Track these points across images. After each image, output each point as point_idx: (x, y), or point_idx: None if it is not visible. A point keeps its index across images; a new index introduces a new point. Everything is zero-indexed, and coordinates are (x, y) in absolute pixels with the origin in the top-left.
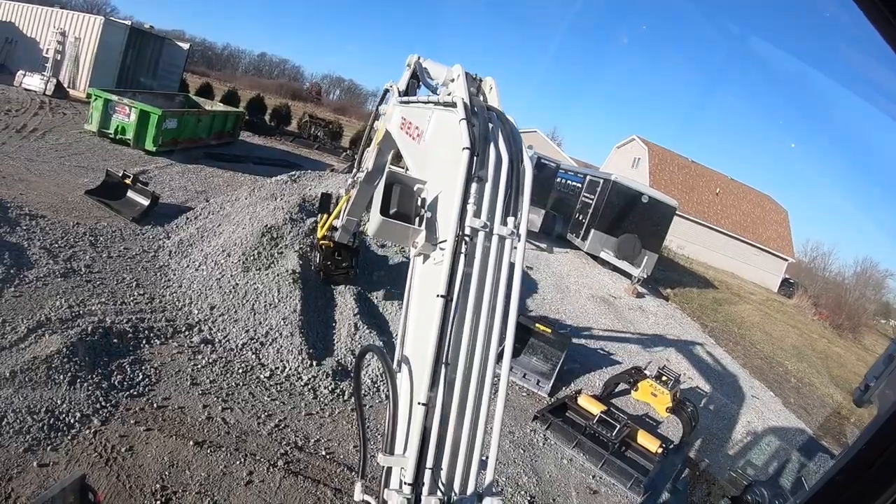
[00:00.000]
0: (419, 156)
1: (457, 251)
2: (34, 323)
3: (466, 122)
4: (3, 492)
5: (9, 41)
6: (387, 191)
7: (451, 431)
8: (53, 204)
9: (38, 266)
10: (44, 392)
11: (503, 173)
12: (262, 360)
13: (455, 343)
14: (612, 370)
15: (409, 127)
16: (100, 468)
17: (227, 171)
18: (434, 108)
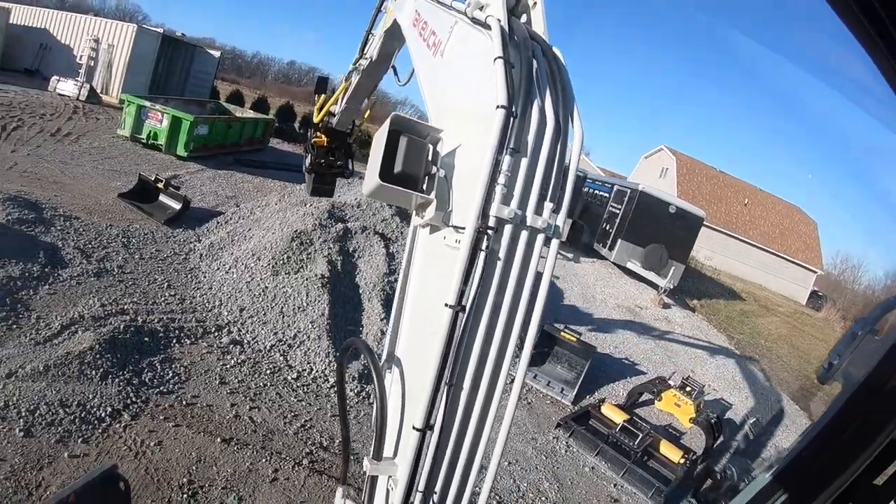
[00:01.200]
0: (434, 74)
1: (476, 248)
2: (68, 320)
3: (504, 65)
4: (35, 480)
5: (43, 47)
6: (390, 143)
7: (448, 453)
8: (87, 206)
9: (72, 265)
10: (76, 386)
11: (546, 143)
12: (289, 361)
13: (463, 360)
14: (636, 380)
15: (423, 28)
16: (129, 461)
17: (256, 177)
18: (459, 19)
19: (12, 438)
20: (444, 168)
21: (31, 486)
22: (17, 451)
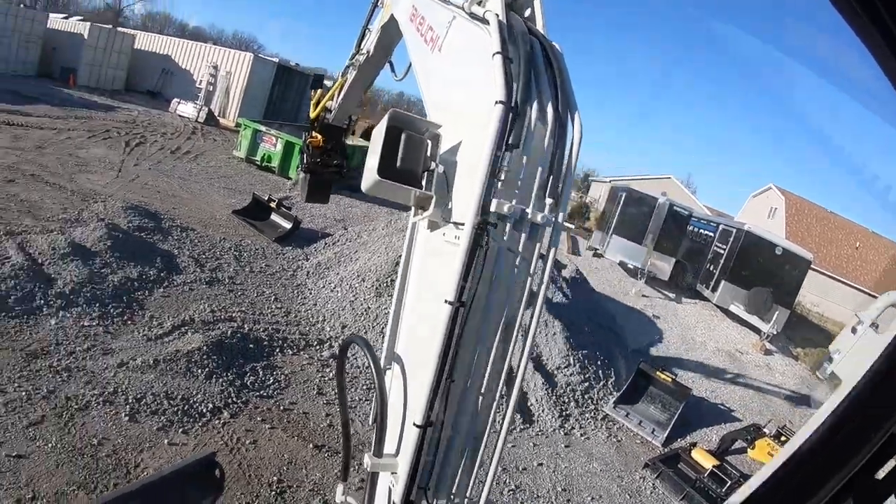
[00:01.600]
0: (432, 69)
1: (476, 245)
2: (179, 321)
3: (503, 60)
4: (134, 461)
5: (165, 71)
6: (388, 138)
7: (449, 449)
8: (203, 219)
9: (186, 272)
10: (182, 381)
11: (545, 138)
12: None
13: (463, 355)
14: (730, 426)
15: (420, 23)
16: (224, 454)
17: (364, 203)
18: (457, 14)
19: (118, 421)
20: (443, 164)
21: (130, 466)
22: (121, 433)
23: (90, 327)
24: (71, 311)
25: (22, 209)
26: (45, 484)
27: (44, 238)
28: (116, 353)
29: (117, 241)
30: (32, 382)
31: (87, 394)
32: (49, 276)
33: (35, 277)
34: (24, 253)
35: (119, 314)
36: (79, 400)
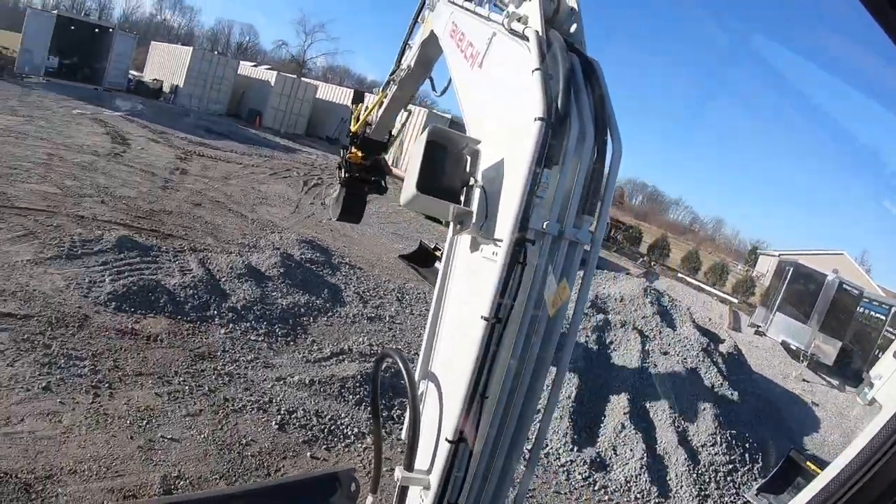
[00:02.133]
0: (472, 86)
1: (513, 261)
2: (338, 349)
3: (542, 76)
4: (276, 465)
5: (344, 121)
6: (427, 153)
7: (481, 465)
8: (370, 260)
9: (350, 306)
10: (332, 404)
11: (584, 155)
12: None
13: (499, 371)
14: None
15: (460, 39)
16: (360, 475)
17: None
18: (496, 29)
19: (268, 428)
20: (481, 179)
21: (271, 469)
22: (269, 438)
23: (255, 342)
24: (240, 325)
25: (206, 230)
26: (191, 467)
27: (223, 257)
28: (276, 368)
29: (289, 269)
30: (196, 380)
31: (243, 398)
32: (224, 291)
33: (212, 290)
34: (204, 268)
35: (283, 334)
36: (235, 402)
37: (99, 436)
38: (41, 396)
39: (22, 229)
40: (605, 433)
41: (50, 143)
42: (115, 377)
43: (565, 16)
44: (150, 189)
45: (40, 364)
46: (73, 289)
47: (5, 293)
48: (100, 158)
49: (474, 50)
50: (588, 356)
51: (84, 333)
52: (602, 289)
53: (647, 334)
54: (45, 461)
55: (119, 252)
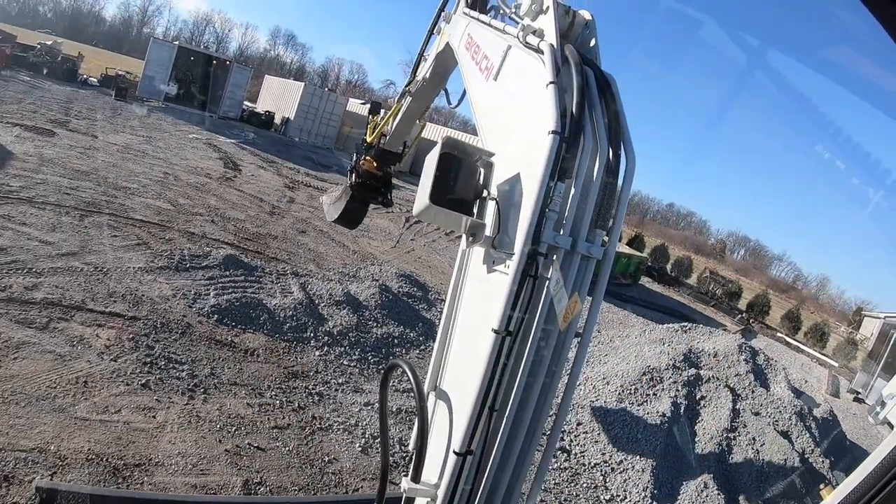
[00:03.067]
0: (487, 98)
1: (525, 275)
2: None
3: (555, 89)
4: (355, 485)
5: None
6: (441, 164)
7: (489, 479)
8: None
9: None
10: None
11: (598, 169)
12: (607, 483)
13: (508, 384)
14: None
15: (475, 51)
16: None
17: (622, 310)
18: (511, 42)
19: (351, 449)
20: (495, 192)
21: (349, 489)
22: (351, 459)
23: (348, 366)
24: (334, 349)
25: (308, 256)
26: (273, 476)
27: (323, 284)
28: (365, 394)
29: (386, 300)
30: (287, 395)
31: (331, 418)
32: (322, 316)
33: (310, 314)
34: (304, 292)
35: (376, 362)
36: (323, 421)
37: (189, 435)
38: (139, 392)
39: (136, 239)
40: (686, 491)
41: (166, 163)
42: (210, 384)
43: (580, 29)
44: (258, 213)
45: (142, 363)
46: (180, 298)
47: (116, 295)
48: (212, 181)
49: (489, 62)
50: (676, 410)
51: (185, 340)
52: (696, 343)
53: (738, 392)
54: (135, 450)
55: (225, 269)
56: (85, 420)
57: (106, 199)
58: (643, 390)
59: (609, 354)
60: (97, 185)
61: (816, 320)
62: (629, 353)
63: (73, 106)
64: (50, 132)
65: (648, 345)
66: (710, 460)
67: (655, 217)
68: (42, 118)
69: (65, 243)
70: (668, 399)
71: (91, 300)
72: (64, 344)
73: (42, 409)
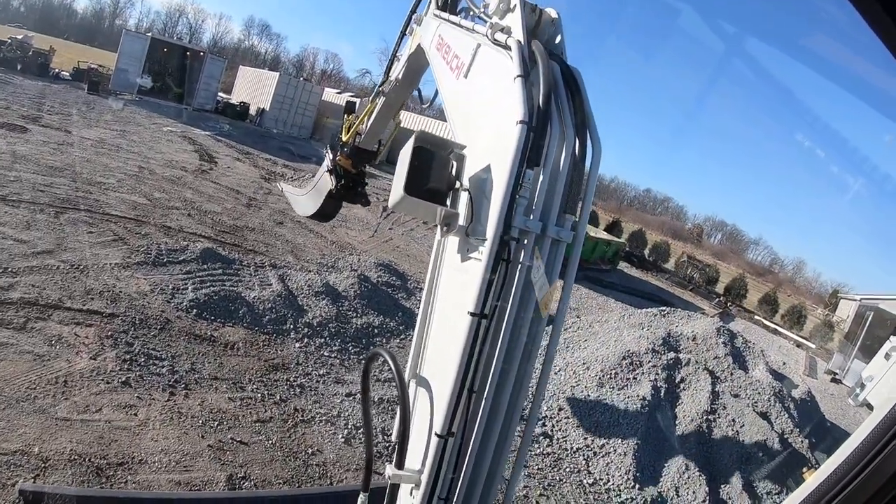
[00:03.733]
0: (458, 96)
1: (498, 258)
2: None
3: (523, 82)
4: (339, 476)
5: None
6: (414, 158)
7: (471, 461)
8: None
9: None
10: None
11: (565, 156)
12: (590, 467)
13: (485, 366)
14: None
15: (446, 51)
16: None
17: (601, 296)
18: (481, 41)
19: (334, 440)
20: (467, 183)
21: (334, 480)
22: (334, 450)
23: (329, 357)
24: (315, 340)
25: (286, 248)
26: (257, 470)
27: (302, 275)
28: (347, 385)
29: (366, 290)
30: (269, 388)
31: (313, 410)
32: (301, 307)
33: (289, 306)
34: (283, 284)
35: (356, 352)
36: (305, 413)
37: (171, 431)
38: (120, 390)
39: (112, 235)
40: (668, 473)
41: (141, 157)
42: (191, 379)
43: (547, 27)
44: (235, 206)
45: (122, 360)
46: (158, 293)
47: (93, 292)
48: (187, 174)
49: (460, 61)
50: (656, 394)
51: (165, 336)
52: (675, 327)
53: (718, 375)
54: (118, 449)
55: (203, 263)
56: (66, 420)
57: (81, 196)
58: (623, 375)
59: (589, 340)
60: (72, 182)
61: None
62: (609, 337)
63: (46, 101)
64: (22, 128)
65: (628, 329)
66: (691, 442)
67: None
68: (14, 114)
69: (40, 241)
70: (648, 383)
71: (68, 298)
72: (42, 344)
73: (22, 410)
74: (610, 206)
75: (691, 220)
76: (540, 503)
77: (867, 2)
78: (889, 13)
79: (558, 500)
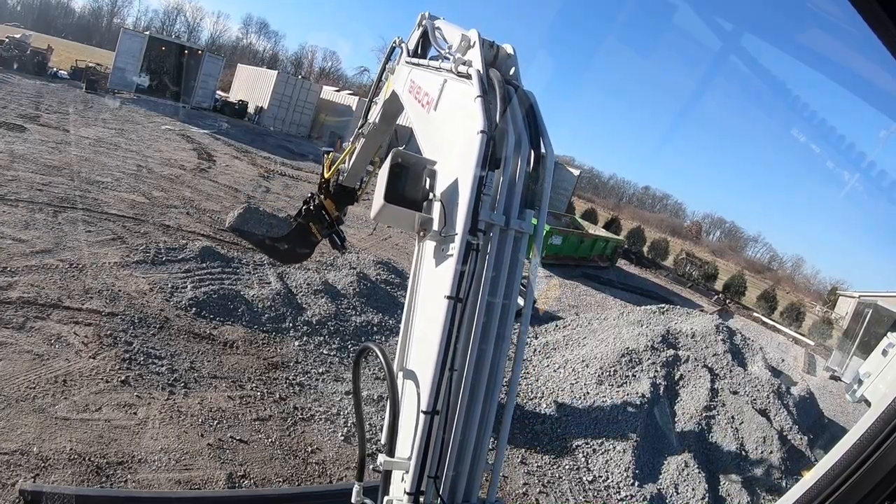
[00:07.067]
0: (429, 127)
1: (469, 246)
2: None
3: (482, 100)
4: (338, 474)
5: None
6: (392, 173)
7: (456, 438)
8: None
9: None
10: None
11: (522, 160)
12: (589, 464)
13: (463, 347)
14: None
15: (417, 92)
16: None
17: (600, 293)
18: (446, 76)
19: (333, 439)
20: (439, 191)
21: (333, 478)
22: (334, 448)
23: (328, 355)
24: (314, 339)
25: None
26: (256, 468)
27: (301, 273)
28: (346, 383)
29: (365, 288)
30: (268, 387)
31: (313, 408)
32: (300, 306)
33: (288, 304)
34: (282, 282)
35: (355, 351)
36: (305, 411)
37: (171, 430)
38: (119, 389)
39: (111, 234)
40: (667, 470)
41: (139, 156)
42: (190, 377)
43: (504, 60)
44: (234, 204)
45: (121, 359)
46: (157, 292)
47: (92, 291)
48: (186, 172)
49: (430, 97)
50: (655, 391)
51: (164, 334)
52: (674, 324)
53: (716, 372)
54: (117, 448)
55: (201, 261)
56: (66, 420)
57: (79, 194)
58: (622, 372)
59: (588, 337)
60: (70, 181)
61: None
62: (608, 335)
63: (44, 100)
64: (20, 127)
65: (626, 326)
66: (690, 439)
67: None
68: (12, 113)
69: (39, 240)
70: (647, 380)
71: (67, 297)
72: (41, 343)
73: (22, 410)
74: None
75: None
76: (539, 500)
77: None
78: (885, 9)
79: (557, 498)
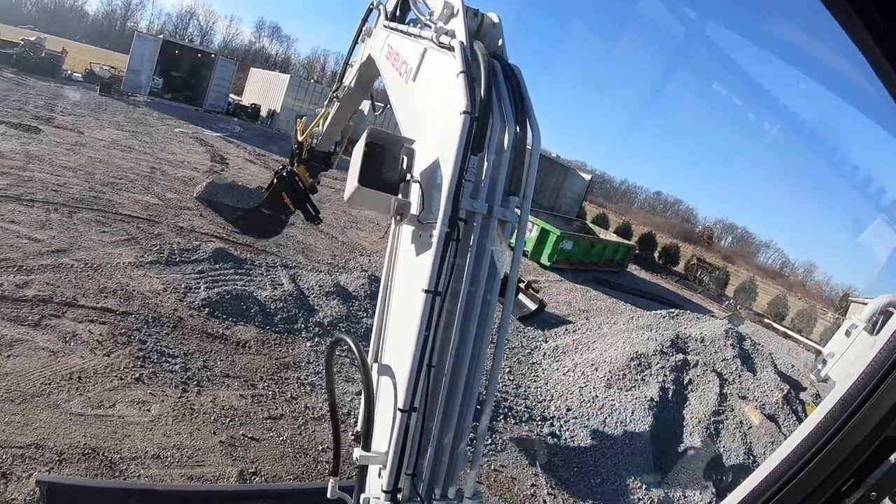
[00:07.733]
0: (407, 98)
1: (448, 237)
2: None
3: (466, 77)
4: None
5: None
6: (367, 152)
7: (434, 434)
8: None
9: None
10: None
11: (507, 143)
12: (598, 467)
13: (442, 342)
14: None
15: (395, 58)
16: None
17: (610, 298)
18: (426, 45)
19: (344, 439)
20: (417, 175)
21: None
22: (344, 447)
23: (339, 356)
24: (325, 340)
25: (297, 248)
26: (268, 466)
27: (313, 275)
28: (356, 384)
29: (375, 291)
30: (280, 386)
31: (324, 408)
32: (312, 307)
33: (300, 305)
34: (294, 283)
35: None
36: (316, 411)
37: (184, 427)
38: (133, 386)
39: (125, 234)
40: (675, 473)
41: (153, 158)
42: (203, 376)
43: (489, 29)
44: None
45: (135, 357)
46: (170, 292)
47: (107, 290)
48: (199, 174)
49: (408, 67)
50: (664, 395)
51: (177, 334)
52: (683, 329)
53: (725, 377)
54: (131, 444)
55: (215, 262)
56: (80, 415)
57: (94, 195)
58: (631, 376)
59: (597, 341)
60: (84, 182)
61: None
62: (617, 339)
63: (58, 102)
64: (35, 129)
65: (636, 331)
66: (697, 443)
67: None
68: (27, 115)
69: (54, 240)
70: (656, 384)
71: (82, 296)
72: (57, 340)
73: (37, 405)
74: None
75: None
76: (548, 502)
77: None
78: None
79: (565, 500)
